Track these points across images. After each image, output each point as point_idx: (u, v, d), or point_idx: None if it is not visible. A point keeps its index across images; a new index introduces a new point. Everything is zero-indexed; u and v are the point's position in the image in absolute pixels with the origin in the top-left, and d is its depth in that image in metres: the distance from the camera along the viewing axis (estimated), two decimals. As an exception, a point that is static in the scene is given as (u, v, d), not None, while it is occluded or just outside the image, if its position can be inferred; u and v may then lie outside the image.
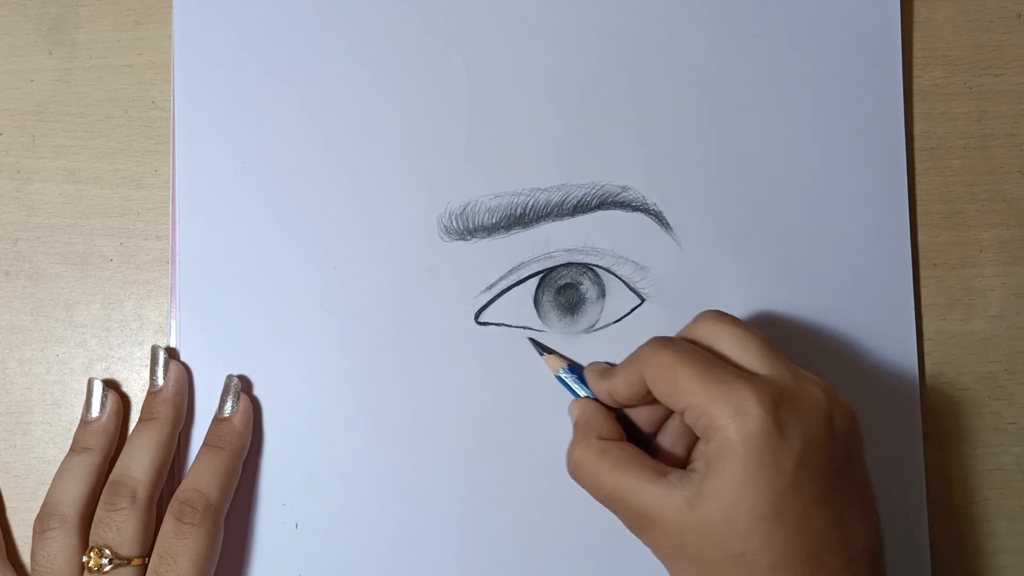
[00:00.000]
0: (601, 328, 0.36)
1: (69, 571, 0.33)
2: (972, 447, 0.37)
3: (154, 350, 0.36)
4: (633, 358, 0.31)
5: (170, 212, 0.37)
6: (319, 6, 0.37)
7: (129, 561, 0.32)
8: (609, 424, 0.33)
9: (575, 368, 0.35)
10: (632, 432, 0.33)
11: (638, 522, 0.30)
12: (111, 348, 0.37)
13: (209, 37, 0.37)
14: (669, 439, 0.33)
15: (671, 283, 0.36)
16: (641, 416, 0.33)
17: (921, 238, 0.38)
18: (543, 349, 0.36)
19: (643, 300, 0.36)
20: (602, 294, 0.36)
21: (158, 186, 0.38)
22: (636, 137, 0.37)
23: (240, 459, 0.35)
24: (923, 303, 0.38)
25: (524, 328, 0.36)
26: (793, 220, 0.37)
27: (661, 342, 0.31)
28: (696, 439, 0.33)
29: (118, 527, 0.32)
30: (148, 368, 0.36)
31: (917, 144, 0.38)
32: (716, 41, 0.37)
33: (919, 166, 0.38)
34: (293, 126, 0.37)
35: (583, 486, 0.32)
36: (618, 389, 0.32)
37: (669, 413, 0.33)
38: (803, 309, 0.37)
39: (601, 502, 0.31)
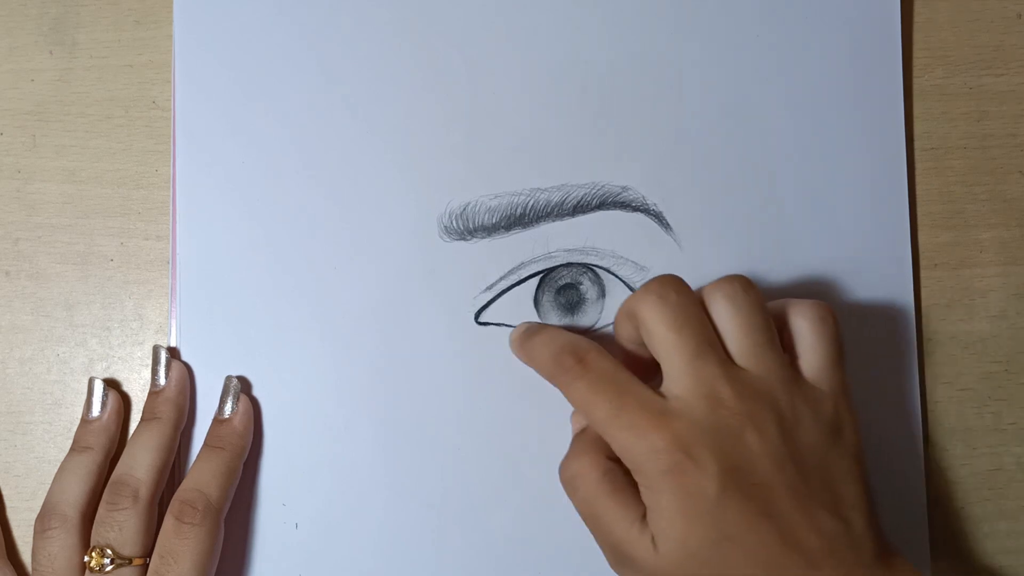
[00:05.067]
0: (601, 328, 0.36)
1: (70, 570, 0.33)
2: (972, 447, 0.37)
3: (156, 350, 0.36)
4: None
5: (170, 212, 0.37)
6: (319, 6, 0.37)
7: (130, 561, 0.32)
8: None
9: None
10: None
11: (617, 556, 0.30)
12: (111, 348, 0.37)
13: (209, 37, 0.37)
14: None
15: (671, 283, 0.36)
16: None
17: (921, 238, 0.38)
18: None
19: (643, 300, 0.36)
20: (602, 294, 0.36)
21: (158, 186, 0.38)
22: (636, 137, 0.37)
23: (241, 459, 0.35)
24: (923, 303, 0.38)
25: (524, 328, 0.36)
26: (793, 220, 0.37)
27: (577, 369, 0.31)
28: None
29: (120, 527, 0.32)
30: (149, 368, 0.36)
31: (917, 144, 0.38)
32: (717, 41, 0.37)
33: (919, 166, 0.38)
34: (293, 126, 0.37)
35: (571, 498, 0.32)
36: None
37: None
38: (803, 309, 0.37)
39: (585, 520, 0.31)
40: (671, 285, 0.31)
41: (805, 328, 0.31)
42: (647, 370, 0.32)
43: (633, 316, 0.31)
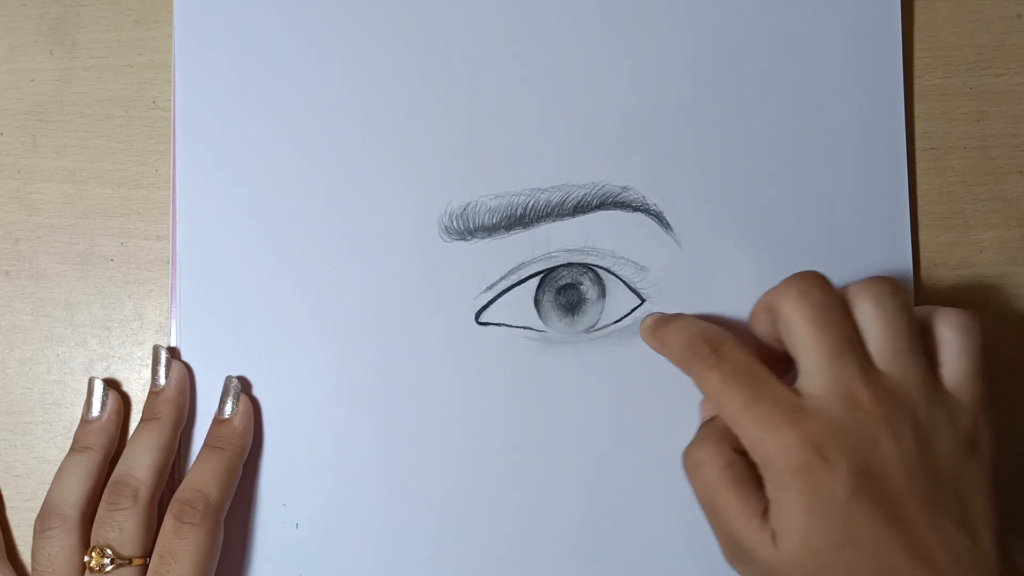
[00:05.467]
0: (601, 328, 0.36)
1: (70, 570, 0.33)
2: (972, 447, 0.37)
3: (156, 350, 0.36)
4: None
5: (170, 212, 0.37)
6: (319, 6, 0.37)
7: (131, 561, 0.32)
8: None
9: None
10: None
11: (734, 549, 0.30)
12: (111, 348, 0.37)
13: (209, 37, 0.37)
14: None
15: (671, 283, 0.36)
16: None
17: (921, 238, 0.38)
18: None
19: (643, 300, 0.36)
20: (602, 294, 0.36)
21: (159, 186, 0.38)
22: (636, 137, 0.37)
23: (241, 460, 0.35)
24: (923, 303, 0.37)
25: (524, 328, 0.36)
26: (793, 220, 0.37)
27: (712, 358, 0.31)
28: None
29: (120, 527, 0.32)
30: (149, 368, 0.36)
31: (917, 144, 0.38)
32: (716, 41, 0.37)
33: (919, 166, 0.38)
34: (293, 126, 0.37)
35: (692, 485, 0.31)
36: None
37: None
38: (803, 309, 0.37)
39: (703, 508, 0.31)
40: (814, 282, 0.30)
41: (950, 337, 0.31)
42: (779, 366, 0.32)
43: (772, 310, 0.31)
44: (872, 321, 0.30)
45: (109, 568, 0.32)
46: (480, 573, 0.36)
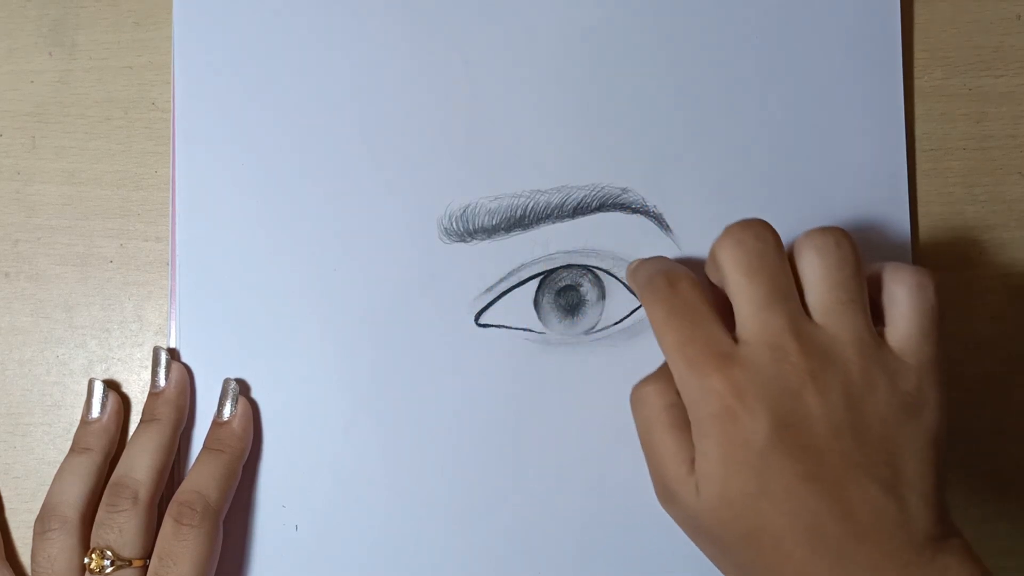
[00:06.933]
0: (601, 330, 0.36)
1: (70, 572, 0.33)
2: (972, 449, 0.37)
3: (156, 351, 0.36)
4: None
5: (170, 213, 0.37)
6: (319, 7, 0.37)
7: (131, 562, 0.32)
8: None
9: None
10: None
11: (664, 491, 0.30)
12: (111, 349, 0.37)
13: (209, 38, 0.37)
14: None
15: (671, 284, 0.36)
16: None
17: (921, 239, 0.38)
18: None
19: (643, 302, 0.36)
20: (602, 296, 0.36)
21: (158, 187, 0.38)
22: (636, 139, 0.37)
23: (240, 462, 0.35)
24: (923, 304, 0.38)
25: (524, 330, 0.36)
26: (793, 222, 0.37)
27: (665, 291, 0.30)
28: None
29: (120, 528, 0.33)
30: (148, 369, 0.36)
31: (917, 146, 0.38)
32: (716, 42, 0.37)
33: (919, 167, 0.38)
34: (293, 127, 0.37)
35: (635, 419, 0.31)
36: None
37: None
38: (803, 310, 0.37)
39: (641, 444, 0.31)
40: (751, 229, 0.30)
41: (900, 295, 0.29)
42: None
43: (714, 260, 0.31)
44: (812, 272, 0.29)
45: (109, 570, 0.32)
46: (480, 573, 0.36)
